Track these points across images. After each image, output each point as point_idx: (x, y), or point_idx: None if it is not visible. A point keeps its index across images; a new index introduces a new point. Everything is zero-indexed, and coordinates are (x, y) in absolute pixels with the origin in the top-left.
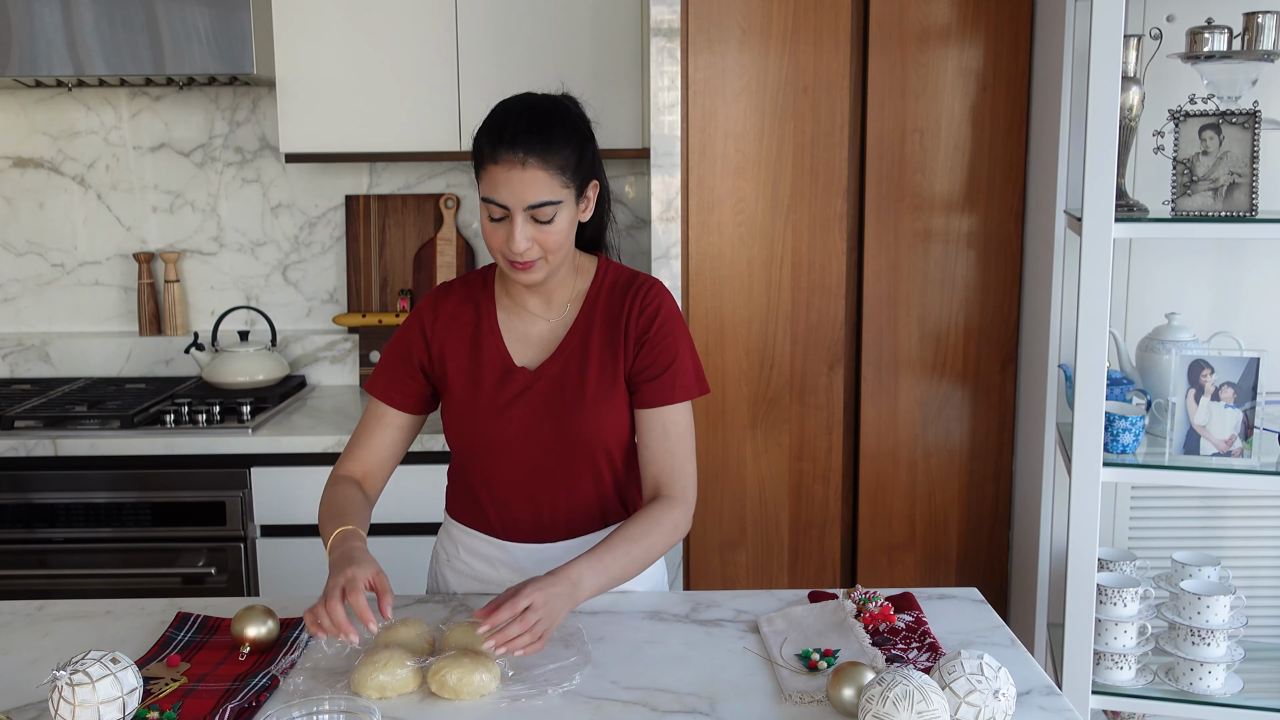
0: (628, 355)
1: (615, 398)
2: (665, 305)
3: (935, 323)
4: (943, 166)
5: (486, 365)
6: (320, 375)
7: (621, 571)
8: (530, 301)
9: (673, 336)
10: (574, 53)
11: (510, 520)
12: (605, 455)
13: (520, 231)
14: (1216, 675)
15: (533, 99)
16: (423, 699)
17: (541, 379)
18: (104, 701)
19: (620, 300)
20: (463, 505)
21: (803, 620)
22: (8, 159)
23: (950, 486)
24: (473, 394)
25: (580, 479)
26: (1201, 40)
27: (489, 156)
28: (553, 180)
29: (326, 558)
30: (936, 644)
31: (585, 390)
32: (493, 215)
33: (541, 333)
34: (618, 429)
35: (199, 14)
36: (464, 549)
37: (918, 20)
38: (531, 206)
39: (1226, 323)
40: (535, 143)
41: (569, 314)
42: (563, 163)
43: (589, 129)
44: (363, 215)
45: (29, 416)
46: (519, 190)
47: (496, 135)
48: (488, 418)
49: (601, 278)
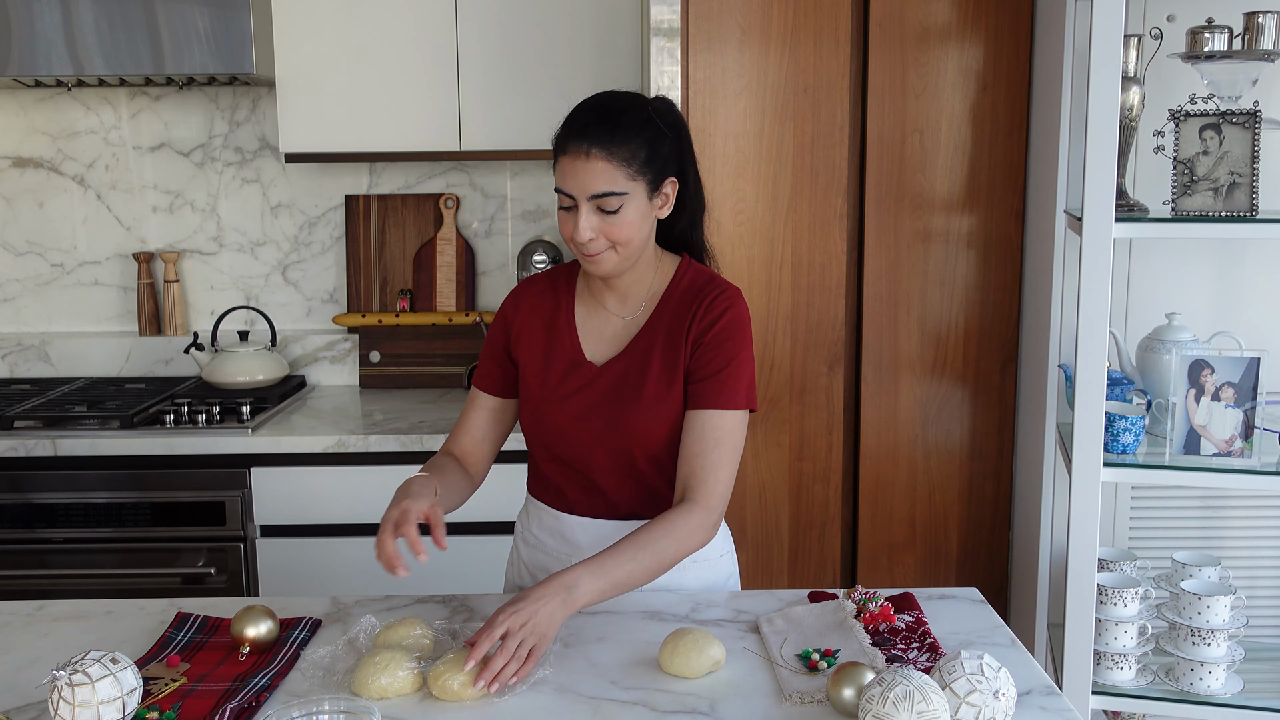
0: (685, 355)
1: (670, 398)
2: (731, 311)
3: (935, 323)
4: (943, 166)
5: (558, 356)
6: (320, 375)
7: (626, 577)
8: (608, 298)
9: (733, 342)
10: (574, 53)
11: (570, 500)
12: (648, 455)
13: (585, 220)
14: (1217, 675)
15: (609, 93)
16: (422, 700)
17: (605, 375)
18: (104, 702)
19: (691, 302)
20: (534, 481)
21: (803, 620)
22: (7, 159)
23: (950, 486)
24: (542, 382)
25: (626, 473)
26: (1202, 40)
27: (559, 148)
28: (617, 171)
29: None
30: (937, 644)
31: (643, 389)
32: (562, 204)
33: (615, 330)
34: (665, 429)
35: (199, 14)
36: (535, 522)
37: (918, 20)
38: (595, 196)
39: (1226, 323)
40: (600, 134)
41: (643, 313)
42: (629, 154)
43: (671, 127)
44: (362, 215)
45: (29, 416)
46: (583, 179)
47: (567, 127)
48: (551, 405)
49: (680, 279)
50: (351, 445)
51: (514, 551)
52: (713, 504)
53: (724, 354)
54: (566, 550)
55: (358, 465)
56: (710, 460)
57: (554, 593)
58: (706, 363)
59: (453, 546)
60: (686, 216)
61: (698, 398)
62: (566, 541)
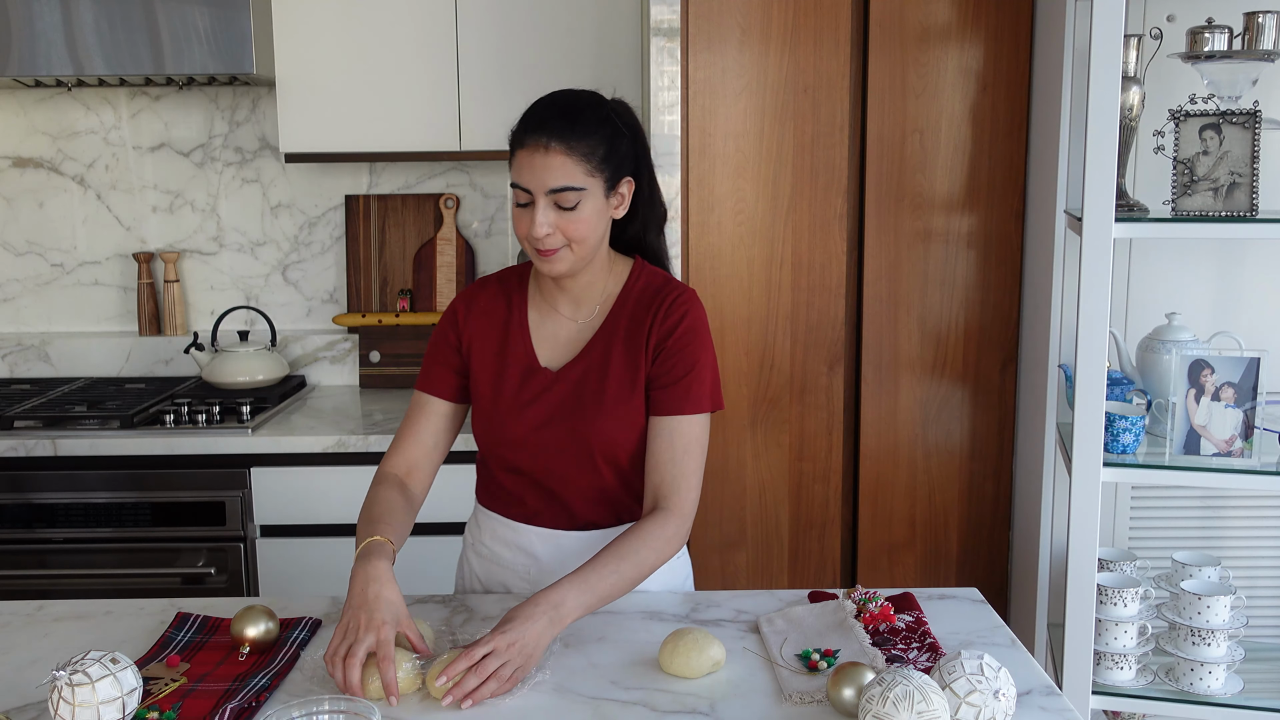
0: (647, 361)
1: (632, 404)
2: (691, 314)
3: (935, 323)
4: (943, 166)
5: (511, 362)
6: (320, 375)
7: (610, 589)
8: (561, 302)
9: (693, 347)
10: (574, 52)
11: (529, 510)
12: (611, 462)
13: (541, 215)
14: (1217, 675)
15: (568, 91)
16: (423, 699)
17: (561, 381)
18: (103, 702)
19: (648, 306)
20: (485, 491)
21: (803, 620)
22: (7, 159)
23: (950, 486)
24: (495, 389)
25: (588, 482)
26: (1202, 40)
27: (517, 141)
28: (575, 166)
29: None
30: (937, 644)
31: (603, 395)
32: (519, 200)
33: (569, 334)
34: (629, 436)
35: (199, 14)
36: (487, 533)
37: (918, 20)
38: (553, 191)
39: (1226, 323)
40: (559, 128)
41: (596, 316)
42: (587, 150)
43: (629, 126)
44: (362, 215)
45: (29, 416)
46: (541, 174)
47: (525, 121)
48: (507, 414)
49: (633, 281)
50: (351, 445)
51: (464, 562)
52: (685, 510)
53: (686, 359)
54: (523, 562)
55: (358, 465)
56: (681, 468)
57: (542, 612)
58: (670, 369)
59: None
60: (640, 220)
61: (663, 404)
62: (523, 553)
